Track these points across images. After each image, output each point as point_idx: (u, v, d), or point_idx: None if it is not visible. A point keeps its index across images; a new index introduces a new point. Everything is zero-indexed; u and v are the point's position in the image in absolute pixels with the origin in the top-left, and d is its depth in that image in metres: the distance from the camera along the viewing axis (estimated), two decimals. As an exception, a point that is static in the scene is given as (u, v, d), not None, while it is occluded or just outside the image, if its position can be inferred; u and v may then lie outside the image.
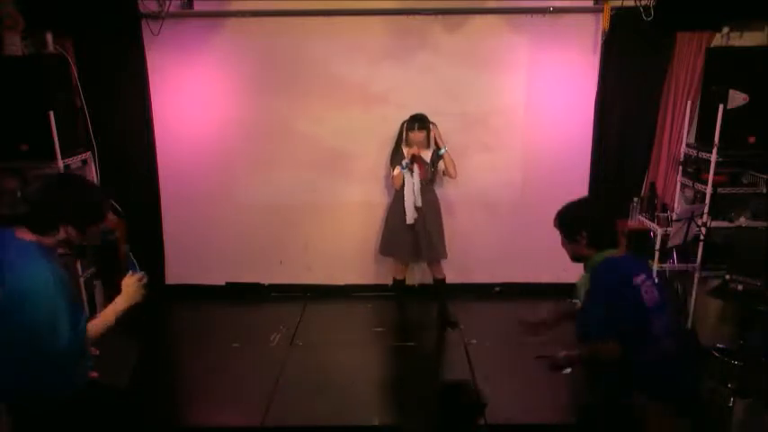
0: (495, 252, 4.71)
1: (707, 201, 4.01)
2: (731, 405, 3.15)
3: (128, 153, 4.49)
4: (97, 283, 4.33)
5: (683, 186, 4.42)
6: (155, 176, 4.59)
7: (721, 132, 3.89)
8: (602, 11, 4.18)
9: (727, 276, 3.84)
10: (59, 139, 3.85)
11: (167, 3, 4.13)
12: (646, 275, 2.27)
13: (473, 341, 4.04)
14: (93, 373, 2.35)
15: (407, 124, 4.14)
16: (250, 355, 3.90)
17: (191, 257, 4.74)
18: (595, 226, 2.32)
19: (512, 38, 4.34)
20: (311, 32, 4.33)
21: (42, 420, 2.19)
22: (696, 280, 4.13)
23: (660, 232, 4.15)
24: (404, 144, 4.16)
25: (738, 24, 4.17)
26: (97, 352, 3.16)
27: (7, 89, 3.82)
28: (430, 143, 4.15)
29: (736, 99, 3.89)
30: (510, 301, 4.64)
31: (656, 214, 4.29)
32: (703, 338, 3.96)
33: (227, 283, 4.81)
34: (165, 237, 4.71)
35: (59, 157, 3.88)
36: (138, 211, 4.49)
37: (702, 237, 4.00)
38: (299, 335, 4.19)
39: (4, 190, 4.05)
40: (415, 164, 4.04)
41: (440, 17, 4.29)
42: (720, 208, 4.10)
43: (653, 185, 4.47)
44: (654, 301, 2.23)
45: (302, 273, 4.79)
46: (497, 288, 4.76)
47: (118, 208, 4.57)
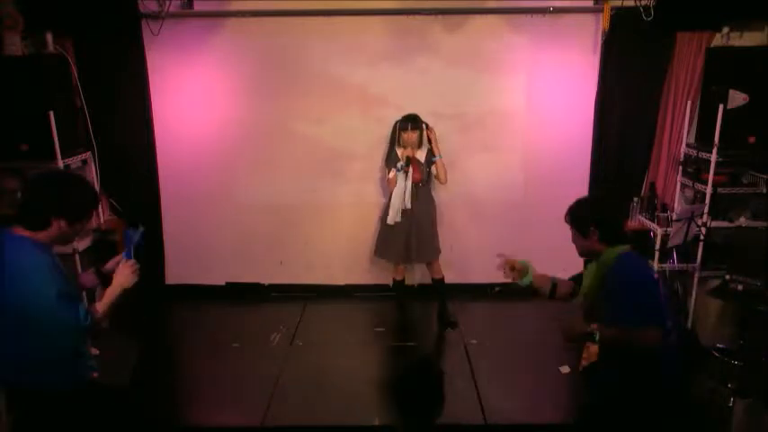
0: (496, 251, 4.69)
1: (707, 201, 4.01)
2: (731, 405, 3.16)
3: (128, 153, 4.49)
4: (98, 289, 4.32)
5: (683, 186, 4.42)
6: (155, 176, 4.59)
7: (721, 132, 3.90)
8: (602, 11, 4.18)
9: (727, 276, 3.84)
10: (59, 139, 3.86)
11: (167, 3, 4.13)
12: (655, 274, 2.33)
13: (473, 341, 4.04)
14: (93, 373, 2.36)
15: (400, 124, 4.11)
16: (250, 355, 3.90)
17: (191, 257, 4.74)
18: (607, 221, 2.36)
19: (512, 38, 4.34)
20: (311, 32, 4.33)
21: (42, 419, 2.20)
22: (696, 280, 4.13)
23: (660, 232, 4.15)
24: (397, 145, 4.14)
25: (738, 24, 4.17)
26: (97, 352, 3.16)
27: (7, 89, 3.83)
28: (423, 142, 4.13)
29: (736, 99, 3.89)
30: (510, 301, 4.63)
31: (656, 214, 4.30)
32: (703, 338, 3.96)
33: (227, 283, 4.81)
34: (165, 237, 4.71)
35: (59, 157, 3.89)
36: (138, 211, 4.50)
37: (702, 237, 4.00)
38: (299, 335, 4.19)
39: (4, 190, 4.06)
40: (410, 166, 4.01)
41: (440, 17, 4.28)
42: (720, 208, 4.11)
43: (653, 185, 4.47)
44: (665, 297, 2.27)
45: (302, 273, 4.79)
46: (497, 288, 4.75)
47: (118, 207, 4.58)
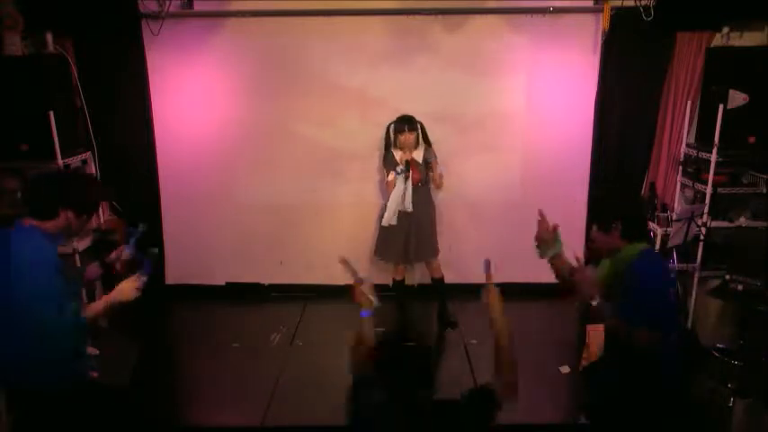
0: (496, 252, 4.62)
1: (707, 201, 4.01)
2: (731, 405, 3.15)
3: (128, 153, 4.50)
4: (97, 283, 4.32)
5: (683, 186, 4.42)
6: (155, 176, 4.59)
7: (721, 132, 3.89)
8: (602, 11, 4.18)
9: (727, 276, 3.84)
10: (59, 139, 3.86)
11: (167, 3, 4.13)
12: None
13: (473, 341, 4.04)
14: (93, 373, 2.36)
15: (395, 126, 4.08)
16: (250, 355, 3.90)
17: (191, 257, 4.74)
18: (631, 218, 2.33)
19: (512, 38, 4.34)
20: (311, 32, 4.33)
21: (42, 419, 2.20)
22: (696, 280, 4.12)
23: (660, 232, 4.15)
24: (394, 147, 4.11)
25: (738, 24, 4.17)
26: (97, 351, 3.16)
27: (7, 89, 3.83)
28: (419, 142, 4.11)
29: (736, 99, 3.89)
30: (510, 301, 4.62)
31: (656, 214, 4.29)
32: (703, 338, 3.95)
33: (227, 283, 4.80)
34: (165, 237, 4.70)
35: (59, 157, 3.89)
36: (138, 211, 4.49)
37: (702, 237, 4.00)
38: (299, 335, 4.19)
39: (4, 190, 4.05)
40: (410, 169, 3.99)
41: (440, 17, 4.28)
42: (720, 208, 4.10)
43: (653, 185, 4.47)
44: (676, 299, 2.25)
45: (302, 273, 4.78)
46: (497, 288, 4.75)
47: (118, 207, 4.58)
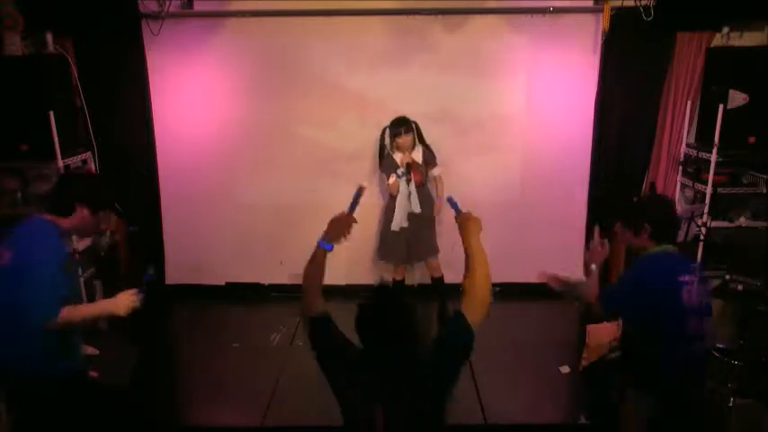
0: (495, 252, 4.59)
1: (707, 201, 4.01)
2: (731, 405, 3.15)
3: (128, 153, 4.50)
4: (97, 283, 4.33)
5: (683, 186, 4.42)
6: (155, 176, 4.59)
7: (721, 132, 3.90)
8: (602, 11, 4.18)
9: (727, 276, 3.84)
10: (59, 139, 3.86)
11: (167, 3, 4.13)
12: (691, 276, 2.29)
13: (473, 341, 4.03)
14: (93, 373, 2.36)
15: (391, 130, 4.09)
16: (250, 355, 3.90)
17: (191, 257, 4.74)
18: (660, 220, 2.38)
19: (512, 38, 4.34)
20: (311, 32, 4.33)
21: (42, 418, 2.20)
22: (696, 280, 4.13)
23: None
24: (392, 150, 4.12)
25: (738, 24, 4.17)
26: (97, 351, 3.16)
27: (7, 89, 3.83)
28: (416, 142, 4.12)
29: (736, 99, 3.90)
30: (510, 301, 4.63)
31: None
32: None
33: (227, 283, 4.80)
34: (165, 237, 4.71)
35: (59, 157, 3.88)
36: (139, 211, 4.49)
37: (702, 237, 4.00)
38: (299, 335, 4.18)
39: (4, 190, 4.06)
40: (411, 171, 4.01)
41: (440, 17, 4.28)
42: (720, 208, 4.11)
43: (653, 185, 4.46)
44: (693, 303, 2.25)
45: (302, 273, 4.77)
46: (497, 288, 4.74)
47: (118, 208, 4.57)
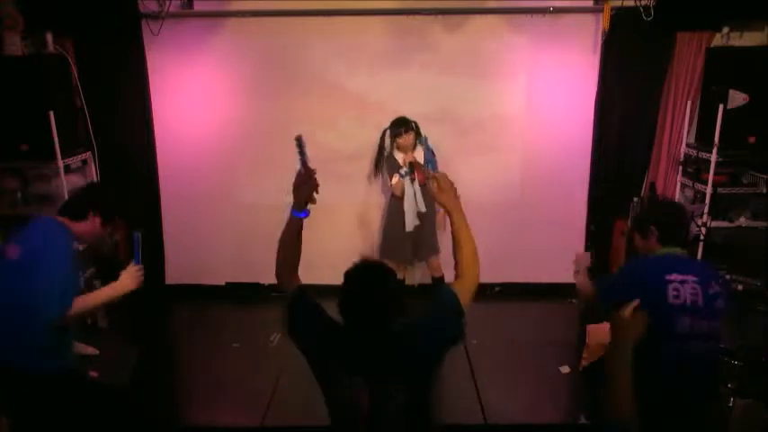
0: (495, 252, 4.67)
1: (707, 201, 4.01)
2: (731, 405, 3.15)
3: (128, 153, 4.49)
4: (97, 283, 4.32)
5: (683, 186, 4.42)
6: (155, 176, 4.58)
7: (721, 132, 3.90)
8: (602, 11, 4.18)
9: (728, 276, 3.84)
10: (59, 139, 3.87)
11: (167, 3, 4.13)
12: (684, 275, 2.28)
13: (473, 341, 4.03)
14: (93, 373, 2.37)
15: (392, 130, 4.09)
16: (250, 355, 3.90)
17: (191, 257, 4.74)
18: (666, 223, 2.44)
19: (512, 38, 4.34)
20: (311, 32, 4.33)
21: (42, 418, 2.20)
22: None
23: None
24: (393, 151, 4.13)
25: (738, 24, 4.17)
26: (97, 351, 3.17)
27: (7, 89, 3.83)
28: (416, 142, 4.12)
29: (736, 99, 3.90)
30: (510, 301, 4.64)
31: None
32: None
33: (227, 283, 4.80)
34: (165, 237, 4.71)
35: (59, 157, 3.89)
36: (139, 211, 4.49)
37: (702, 237, 4.00)
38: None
39: (4, 190, 4.06)
40: (414, 170, 4.02)
41: (440, 17, 4.28)
42: (720, 208, 4.11)
43: (653, 185, 4.46)
44: (684, 301, 2.25)
45: (302, 273, 4.71)
46: (497, 288, 4.76)
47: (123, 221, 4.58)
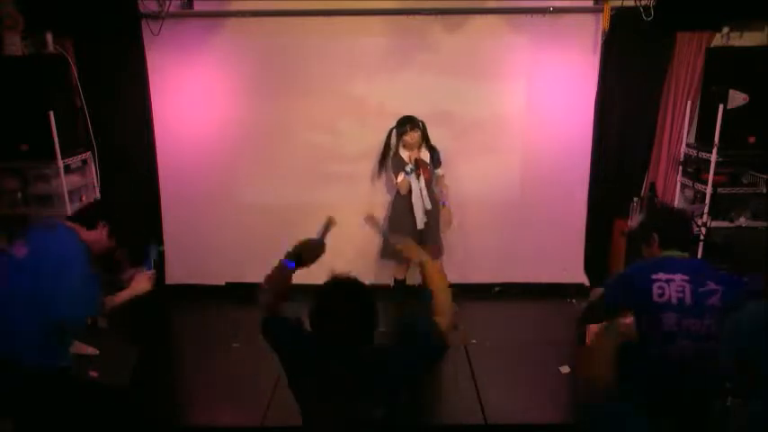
0: (495, 252, 4.71)
1: (707, 201, 4.01)
2: (729, 405, 3.15)
3: (128, 153, 4.50)
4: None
5: (683, 186, 4.42)
6: (155, 176, 4.58)
7: (721, 132, 3.90)
8: (602, 11, 4.18)
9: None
10: (59, 139, 3.87)
11: (167, 3, 4.12)
12: (671, 274, 2.31)
13: (473, 341, 4.04)
14: (93, 373, 2.38)
15: (398, 129, 4.12)
16: (250, 355, 3.89)
17: (191, 257, 4.74)
18: (666, 228, 2.51)
19: (512, 38, 4.34)
20: (311, 32, 4.32)
21: (41, 418, 2.20)
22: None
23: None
24: (400, 149, 4.14)
25: (738, 24, 4.17)
26: (97, 351, 3.17)
27: (7, 89, 3.84)
28: (422, 141, 4.14)
29: (736, 99, 3.89)
30: (510, 301, 4.63)
31: (656, 214, 4.29)
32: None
33: (227, 283, 4.79)
34: (165, 237, 4.70)
35: (59, 157, 3.89)
36: (139, 211, 4.49)
37: (702, 237, 4.00)
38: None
39: (4, 190, 4.06)
40: (419, 167, 4.04)
41: (440, 17, 4.28)
42: (720, 208, 4.10)
43: (653, 185, 4.47)
44: (669, 299, 2.28)
45: (302, 273, 4.73)
46: (497, 288, 4.76)
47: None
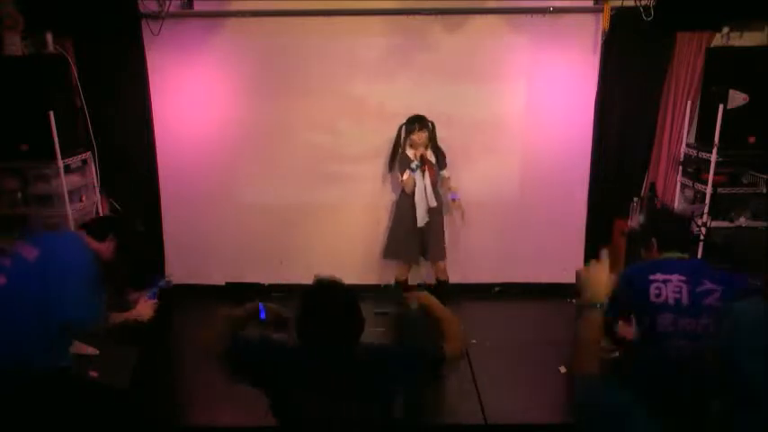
0: (495, 252, 4.72)
1: (707, 201, 4.01)
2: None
3: (128, 153, 4.49)
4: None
5: (683, 186, 4.42)
6: (155, 176, 4.58)
7: (721, 132, 3.90)
8: (602, 11, 4.18)
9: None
10: (59, 139, 3.86)
11: (167, 3, 4.12)
12: (668, 275, 2.32)
13: (473, 341, 4.03)
14: (93, 373, 2.38)
15: (406, 127, 4.15)
16: (250, 355, 3.90)
17: (191, 257, 4.74)
18: (662, 231, 2.54)
19: (512, 38, 4.34)
20: (311, 32, 4.32)
21: (41, 418, 2.20)
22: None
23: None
24: (407, 148, 4.16)
25: (738, 24, 4.17)
26: (97, 352, 3.17)
27: (7, 89, 3.83)
28: (429, 141, 4.16)
29: (736, 99, 3.90)
30: (510, 301, 4.63)
31: (656, 214, 4.30)
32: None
33: (227, 283, 4.80)
34: (165, 237, 4.70)
35: (59, 157, 3.89)
36: (139, 211, 4.49)
37: (702, 237, 4.00)
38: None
39: (3, 190, 4.06)
40: (425, 165, 4.06)
41: (440, 17, 4.28)
42: (720, 208, 4.10)
43: (653, 185, 4.47)
44: (666, 300, 2.28)
45: (302, 273, 4.74)
46: (497, 288, 4.76)
47: (118, 208, 4.58)
